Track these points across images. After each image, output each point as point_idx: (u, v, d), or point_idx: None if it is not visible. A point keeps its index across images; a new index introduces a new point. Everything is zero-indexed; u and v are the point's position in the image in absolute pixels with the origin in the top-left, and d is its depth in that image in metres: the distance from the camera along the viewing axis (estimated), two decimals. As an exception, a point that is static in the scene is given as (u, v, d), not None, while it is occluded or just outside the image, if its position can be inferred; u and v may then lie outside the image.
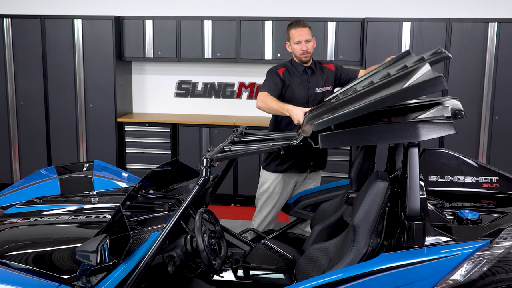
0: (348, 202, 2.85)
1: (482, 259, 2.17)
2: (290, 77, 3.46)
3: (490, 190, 2.72)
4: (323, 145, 2.25)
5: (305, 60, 3.45)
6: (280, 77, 3.43)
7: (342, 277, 2.15)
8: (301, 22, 3.44)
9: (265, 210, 3.60)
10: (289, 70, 3.49)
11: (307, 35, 3.42)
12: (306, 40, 3.41)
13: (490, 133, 5.25)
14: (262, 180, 3.64)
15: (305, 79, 3.48)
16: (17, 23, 5.70)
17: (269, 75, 3.47)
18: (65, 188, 3.23)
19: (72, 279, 2.19)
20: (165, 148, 5.69)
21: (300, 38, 3.40)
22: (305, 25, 3.43)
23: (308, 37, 3.42)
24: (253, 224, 3.66)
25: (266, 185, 3.59)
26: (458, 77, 5.19)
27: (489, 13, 5.35)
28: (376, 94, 2.24)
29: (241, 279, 2.80)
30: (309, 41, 3.42)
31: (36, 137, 5.86)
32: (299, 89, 3.44)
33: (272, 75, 3.45)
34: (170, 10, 5.87)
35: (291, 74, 3.47)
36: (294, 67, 3.50)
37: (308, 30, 3.44)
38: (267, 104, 3.21)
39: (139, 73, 6.14)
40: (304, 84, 3.47)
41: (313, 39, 3.47)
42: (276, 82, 3.41)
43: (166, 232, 2.29)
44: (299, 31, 3.40)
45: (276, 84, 3.40)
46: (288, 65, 3.53)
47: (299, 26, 3.41)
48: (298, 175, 3.58)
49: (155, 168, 2.96)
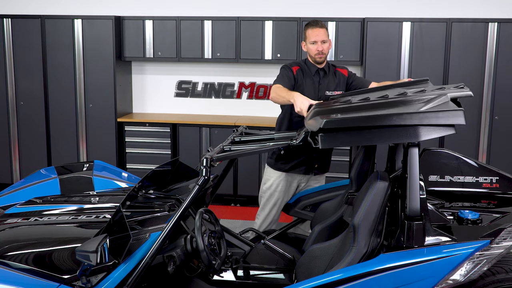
0: (348, 202, 2.85)
1: (482, 259, 2.17)
2: (303, 76, 3.46)
3: (490, 190, 2.72)
4: (323, 145, 2.25)
5: (320, 60, 3.43)
6: (293, 73, 3.43)
7: (342, 277, 2.15)
8: (319, 22, 3.44)
9: (267, 208, 3.60)
10: (302, 69, 3.48)
11: (324, 36, 3.41)
12: (322, 40, 3.40)
13: (490, 133, 5.25)
14: (266, 177, 3.64)
15: (317, 80, 3.47)
16: (17, 23, 5.70)
17: (283, 70, 3.46)
18: (65, 188, 3.23)
19: (72, 279, 2.19)
20: (165, 148, 5.69)
21: (316, 38, 3.39)
22: (323, 25, 3.43)
23: (324, 38, 3.41)
24: (256, 223, 3.66)
25: (269, 183, 3.59)
26: (458, 77, 5.18)
27: (489, 13, 5.35)
28: (391, 108, 2.24)
29: (241, 279, 2.80)
30: (325, 42, 3.41)
31: (36, 137, 5.86)
32: (309, 89, 3.42)
33: (287, 71, 3.44)
34: (170, 10, 5.87)
35: (304, 74, 3.47)
36: (307, 67, 3.49)
37: (325, 31, 3.43)
38: (277, 93, 3.18)
39: (139, 73, 6.14)
40: (315, 86, 3.45)
41: (329, 41, 3.46)
42: (290, 77, 3.40)
43: (166, 232, 2.29)
44: (315, 31, 3.39)
45: (290, 79, 3.39)
46: (302, 64, 3.51)
47: (316, 27, 3.40)
48: (302, 176, 3.57)
49: (155, 168, 2.96)
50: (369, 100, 2.43)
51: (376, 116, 2.18)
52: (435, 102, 2.23)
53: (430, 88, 2.52)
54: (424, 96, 2.33)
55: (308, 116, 2.62)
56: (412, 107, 2.22)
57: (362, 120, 2.18)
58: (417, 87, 2.63)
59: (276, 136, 2.99)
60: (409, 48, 5.21)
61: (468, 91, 2.41)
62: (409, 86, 2.72)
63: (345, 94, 3.02)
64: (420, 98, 2.32)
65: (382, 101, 2.36)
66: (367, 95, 2.58)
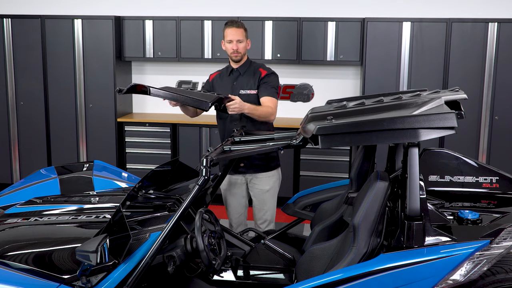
0: (348, 202, 2.85)
1: (482, 259, 2.17)
2: (220, 79, 3.60)
3: (490, 190, 2.72)
4: (323, 145, 2.25)
5: (235, 59, 3.50)
6: (209, 81, 3.64)
7: (342, 277, 2.15)
8: (237, 22, 3.48)
9: (226, 210, 3.66)
10: (221, 73, 3.64)
11: (239, 36, 3.45)
12: (238, 40, 3.45)
13: (490, 133, 5.25)
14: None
15: (232, 80, 3.55)
16: (17, 23, 5.71)
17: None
18: (65, 188, 3.23)
19: (72, 279, 2.19)
20: (165, 148, 5.69)
21: (232, 37, 3.45)
22: (240, 26, 3.47)
23: (240, 37, 3.46)
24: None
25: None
26: (458, 77, 5.18)
27: (489, 13, 5.35)
28: (385, 113, 2.25)
29: (241, 279, 2.80)
30: (240, 41, 3.46)
31: (36, 137, 5.86)
32: (224, 90, 3.49)
33: (204, 84, 3.71)
34: (170, 10, 5.87)
35: (222, 77, 3.61)
36: (226, 69, 3.62)
37: (242, 31, 3.47)
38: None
39: (139, 73, 6.14)
40: (230, 85, 3.53)
41: (246, 41, 3.50)
42: (206, 88, 3.64)
43: (166, 232, 2.29)
44: (232, 31, 3.45)
45: (205, 91, 3.58)
46: (224, 68, 3.65)
47: (233, 26, 3.46)
48: (238, 176, 3.55)
49: (155, 168, 2.96)
50: (364, 105, 2.44)
51: (369, 121, 2.19)
52: (429, 105, 2.24)
53: (425, 93, 2.53)
54: (418, 100, 2.33)
55: (303, 121, 2.63)
56: (405, 111, 2.23)
57: (354, 126, 2.19)
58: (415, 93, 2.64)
59: (276, 136, 2.99)
60: (409, 48, 5.21)
61: (462, 93, 2.41)
62: (407, 91, 2.73)
63: (342, 99, 3.02)
64: (414, 102, 2.33)
65: (376, 106, 2.37)
66: (362, 100, 2.59)
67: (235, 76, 3.56)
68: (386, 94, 2.74)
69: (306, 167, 5.49)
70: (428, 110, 2.20)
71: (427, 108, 2.22)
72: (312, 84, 5.83)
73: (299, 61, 5.49)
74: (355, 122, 2.20)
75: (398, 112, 2.24)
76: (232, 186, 3.58)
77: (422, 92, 2.61)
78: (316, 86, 5.85)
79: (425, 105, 2.25)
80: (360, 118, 2.24)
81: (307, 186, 3.70)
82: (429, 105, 2.24)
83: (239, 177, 3.56)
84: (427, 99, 2.32)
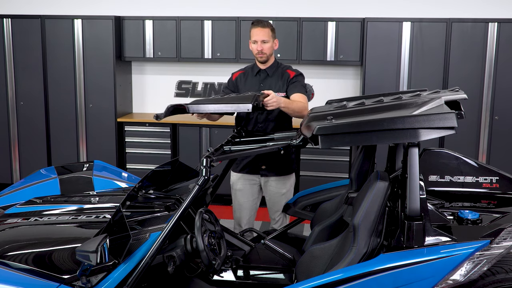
0: (348, 202, 2.85)
1: (482, 259, 2.17)
2: (244, 79, 3.52)
3: (490, 190, 2.72)
4: (323, 145, 2.25)
5: (261, 60, 3.45)
6: (232, 79, 3.56)
7: (342, 277, 2.15)
8: (262, 22, 3.42)
9: (236, 209, 3.64)
10: (246, 72, 3.56)
11: (265, 36, 3.38)
12: (263, 40, 3.39)
13: (490, 133, 5.25)
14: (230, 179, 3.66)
15: (259, 81, 3.49)
16: (17, 23, 5.71)
17: (225, 83, 3.63)
18: (65, 188, 3.23)
19: (72, 279, 2.19)
20: (165, 148, 5.69)
21: (257, 38, 3.39)
22: (266, 25, 3.40)
23: (265, 38, 3.39)
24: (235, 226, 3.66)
25: (231, 183, 3.63)
26: (458, 77, 5.19)
27: (489, 13, 5.35)
28: (385, 113, 2.25)
29: (241, 279, 2.80)
30: (265, 42, 3.39)
31: (36, 137, 5.86)
32: (250, 90, 3.39)
33: (227, 81, 3.60)
34: (170, 10, 5.87)
35: (246, 76, 3.53)
36: (251, 69, 3.55)
37: (268, 31, 3.41)
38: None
39: (139, 73, 6.15)
40: (256, 87, 3.46)
41: (272, 41, 3.43)
42: (228, 87, 3.56)
43: (166, 232, 2.29)
44: (257, 31, 3.39)
45: (227, 90, 3.53)
46: (249, 67, 3.58)
47: (258, 26, 3.40)
48: (254, 177, 3.54)
49: (155, 168, 2.96)
50: (364, 105, 2.44)
51: (369, 121, 2.19)
52: (429, 105, 2.24)
53: (425, 93, 2.53)
54: (418, 100, 2.34)
55: (304, 121, 2.63)
56: (405, 111, 2.23)
57: (354, 126, 2.19)
58: (415, 93, 2.64)
59: (276, 136, 2.99)
60: (409, 48, 5.21)
61: (462, 93, 2.41)
62: (408, 91, 2.74)
63: (342, 99, 3.02)
64: (414, 102, 2.33)
65: (377, 106, 2.37)
66: (362, 100, 2.59)
67: (262, 77, 3.49)
68: (386, 94, 2.74)
69: (306, 167, 5.49)
70: (428, 110, 2.21)
71: (427, 108, 2.22)
72: (312, 84, 5.83)
73: (299, 61, 5.49)
74: (355, 122, 2.20)
75: (398, 112, 2.24)
76: (248, 187, 3.56)
77: (422, 92, 2.61)
78: (316, 86, 5.85)
79: (425, 105, 2.25)
80: (360, 118, 2.24)
81: (307, 186, 3.70)
82: (429, 105, 2.24)
83: (256, 178, 3.54)
84: (427, 99, 2.32)
